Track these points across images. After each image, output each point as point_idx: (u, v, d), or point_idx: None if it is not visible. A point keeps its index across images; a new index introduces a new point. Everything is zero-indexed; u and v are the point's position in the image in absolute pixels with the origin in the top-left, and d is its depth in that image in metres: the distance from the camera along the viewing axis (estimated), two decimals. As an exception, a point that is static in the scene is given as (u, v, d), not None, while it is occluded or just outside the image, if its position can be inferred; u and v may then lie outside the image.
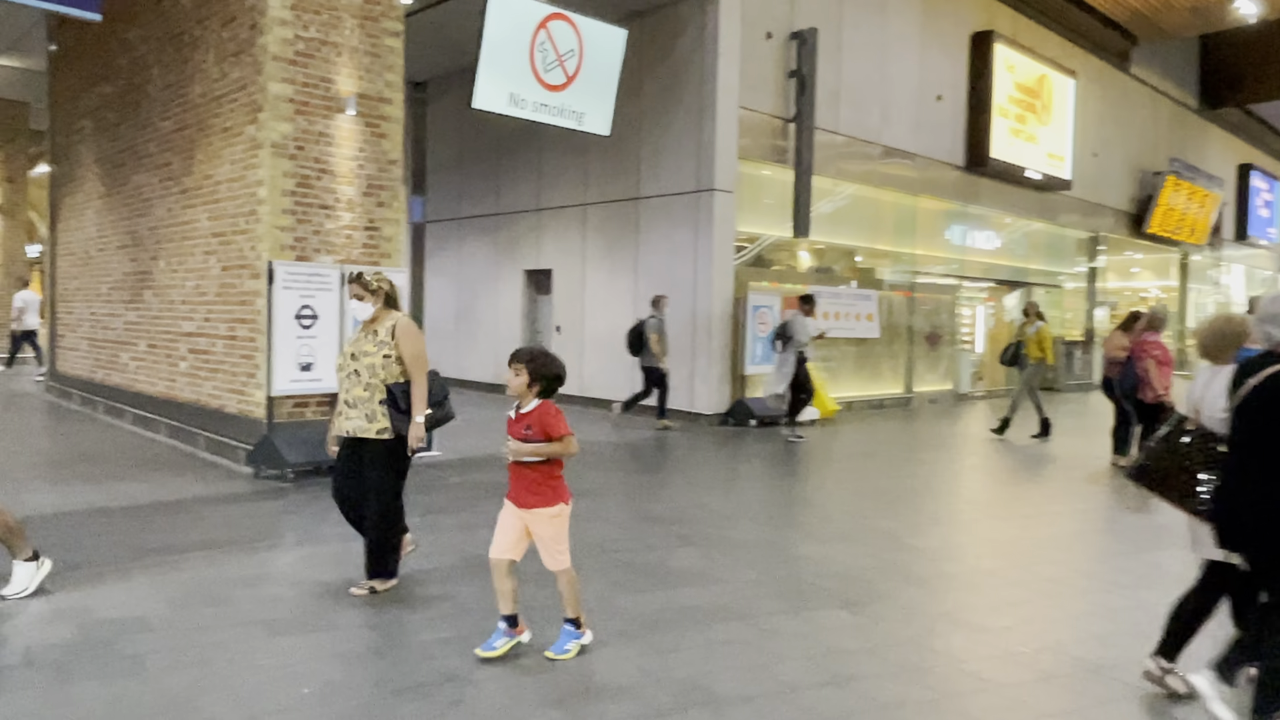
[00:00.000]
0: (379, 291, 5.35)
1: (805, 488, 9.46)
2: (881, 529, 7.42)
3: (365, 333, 5.37)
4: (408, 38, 15.08)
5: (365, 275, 5.37)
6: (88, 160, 13.14)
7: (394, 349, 5.26)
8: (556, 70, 12.11)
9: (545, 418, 4.31)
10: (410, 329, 5.33)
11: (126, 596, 5.17)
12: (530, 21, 11.66)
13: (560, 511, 4.44)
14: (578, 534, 6.98)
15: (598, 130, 12.81)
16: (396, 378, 5.27)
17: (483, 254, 17.82)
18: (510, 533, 4.44)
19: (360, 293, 5.33)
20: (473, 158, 18.03)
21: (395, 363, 5.26)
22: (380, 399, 5.21)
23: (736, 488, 9.37)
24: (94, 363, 12.97)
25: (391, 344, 5.26)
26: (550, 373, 4.35)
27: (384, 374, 5.24)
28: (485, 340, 17.70)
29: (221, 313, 9.61)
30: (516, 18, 11.48)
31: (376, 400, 5.21)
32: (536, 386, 4.33)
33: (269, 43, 8.76)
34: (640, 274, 14.44)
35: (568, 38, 12.14)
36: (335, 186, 9.26)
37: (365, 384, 5.23)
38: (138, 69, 11.39)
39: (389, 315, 5.37)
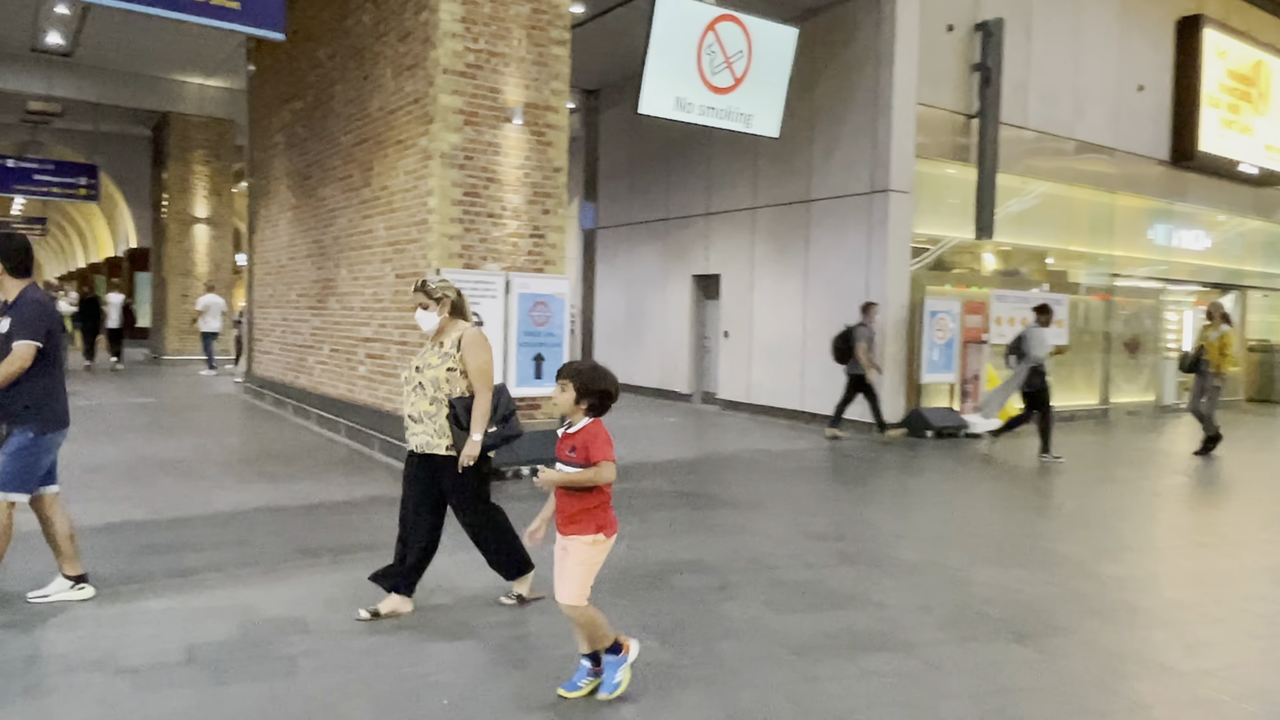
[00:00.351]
0: (444, 300, 5.01)
1: (982, 505, 8.88)
2: (1064, 554, 6.83)
3: (432, 344, 5.07)
4: (579, 46, 15.31)
5: (429, 282, 5.02)
6: (280, 174, 13.93)
7: (458, 362, 4.94)
8: (724, 72, 11.92)
9: (588, 439, 3.88)
10: (476, 341, 4.99)
11: (288, 595, 5.32)
12: (698, 24, 11.52)
13: (596, 541, 3.95)
14: (731, 546, 6.84)
15: (767, 132, 12.53)
16: (462, 391, 4.96)
17: (651, 259, 17.84)
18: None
19: (424, 301, 5.01)
20: (642, 163, 18.09)
21: (460, 376, 4.95)
22: (448, 414, 4.92)
23: (906, 503, 8.89)
24: (284, 366, 13.72)
25: (456, 356, 4.94)
26: (599, 388, 3.92)
27: (448, 388, 4.93)
28: (653, 345, 17.70)
29: (395, 319, 9.92)
30: (684, 20, 11.36)
31: (444, 415, 4.92)
32: (585, 403, 3.91)
33: (440, 56, 8.97)
34: (810, 278, 14.05)
35: (736, 39, 11.93)
36: (502, 195, 9.39)
37: (430, 398, 4.94)
38: (324, 85, 11.96)
39: (456, 326, 5.05)
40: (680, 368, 17.06)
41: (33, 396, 4.84)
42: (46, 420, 4.90)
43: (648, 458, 10.54)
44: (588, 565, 3.94)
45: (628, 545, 6.61)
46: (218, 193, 23.44)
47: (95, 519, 6.94)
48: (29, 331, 4.74)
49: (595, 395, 3.92)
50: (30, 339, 4.74)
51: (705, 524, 7.43)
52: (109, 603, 5.11)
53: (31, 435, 4.84)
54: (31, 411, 4.84)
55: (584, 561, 3.92)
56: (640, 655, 4.30)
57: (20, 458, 4.83)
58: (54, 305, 4.99)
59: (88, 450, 9.94)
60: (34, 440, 4.85)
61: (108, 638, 4.55)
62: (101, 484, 8.27)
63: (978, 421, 13.38)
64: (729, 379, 15.79)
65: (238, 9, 8.36)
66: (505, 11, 9.34)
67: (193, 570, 5.77)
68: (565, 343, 9.58)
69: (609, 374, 3.99)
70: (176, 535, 6.59)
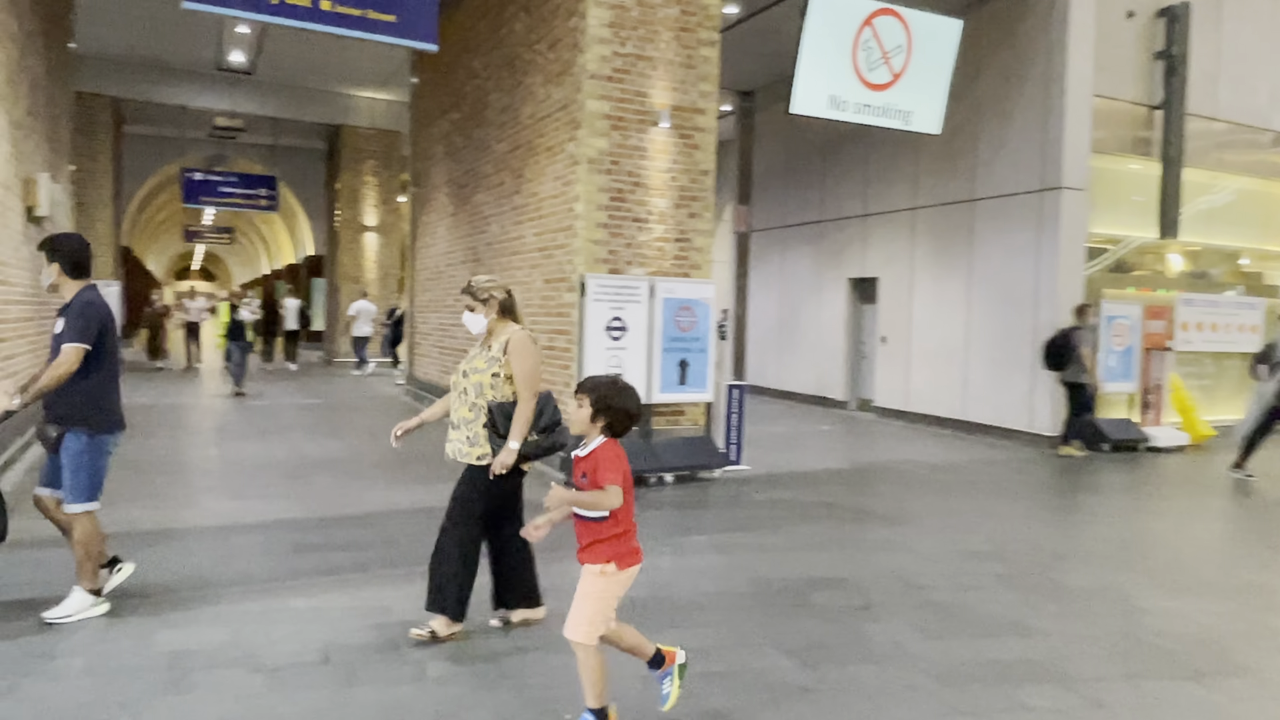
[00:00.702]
0: (491, 301, 4.76)
1: (1161, 525, 8.16)
2: (1253, 582, 6.18)
3: (481, 347, 4.83)
4: (732, 47, 15.18)
5: (475, 282, 4.80)
6: (439, 182, 14.33)
7: (504, 366, 4.66)
8: (881, 68, 11.47)
9: (598, 460, 3.52)
10: (523, 345, 4.69)
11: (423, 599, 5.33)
12: (854, 19, 11.13)
13: (605, 572, 3.57)
14: (878, 563, 6.49)
15: (927, 129, 11.99)
16: (506, 398, 4.67)
17: (806, 262, 17.45)
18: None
19: (470, 303, 4.78)
20: (797, 164, 17.72)
21: (505, 382, 4.66)
22: (485, 422, 4.64)
23: (1075, 521, 8.27)
24: (442, 369, 14.09)
25: (502, 361, 4.66)
26: (618, 405, 3.55)
27: (492, 394, 4.65)
28: (807, 351, 17.31)
29: (543, 324, 9.99)
30: (839, 16, 11.00)
31: (481, 423, 4.64)
32: (601, 421, 3.56)
33: (588, 61, 8.97)
34: (974, 281, 13.39)
35: (894, 33, 11.46)
36: (648, 199, 9.31)
37: (471, 404, 4.69)
38: (479, 95, 12.20)
39: (505, 329, 4.77)
40: (835, 374, 16.60)
41: (83, 398, 4.75)
42: (98, 422, 4.81)
43: (796, 467, 10.24)
44: (596, 598, 3.57)
45: (766, 558, 6.38)
46: (385, 201, 24.43)
47: (254, 517, 7.24)
48: (77, 334, 4.66)
49: (613, 414, 3.55)
50: (78, 341, 4.65)
51: (851, 538, 7.10)
52: (257, 599, 5.26)
53: (85, 439, 4.76)
54: (82, 414, 4.76)
55: (591, 593, 3.57)
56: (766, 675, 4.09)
57: (82, 467, 4.77)
58: (107, 306, 4.89)
59: (256, 449, 10.45)
60: (88, 444, 4.77)
61: (251, 635, 4.67)
62: (264, 482, 8.64)
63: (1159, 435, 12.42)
64: (886, 386, 15.25)
65: (394, 22, 8.57)
66: (653, 15, 9.25)
67: (338, 569, 5.90)
68: (711, 348, 9.41)
69: (631, 391, 3.64)
70: (327, 534, 6.78)
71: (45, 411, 4.78)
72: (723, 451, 9.55)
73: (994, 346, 12.94)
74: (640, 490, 8.64)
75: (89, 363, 4.71)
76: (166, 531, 6.70)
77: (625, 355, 8.88)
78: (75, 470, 4.75)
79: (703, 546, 6.74)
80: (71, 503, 4.77)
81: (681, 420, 9.54)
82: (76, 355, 4.62)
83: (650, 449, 8.96)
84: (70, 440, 4.74)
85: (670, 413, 9.46)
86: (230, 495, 8.03)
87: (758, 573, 6.07)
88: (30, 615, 4.79)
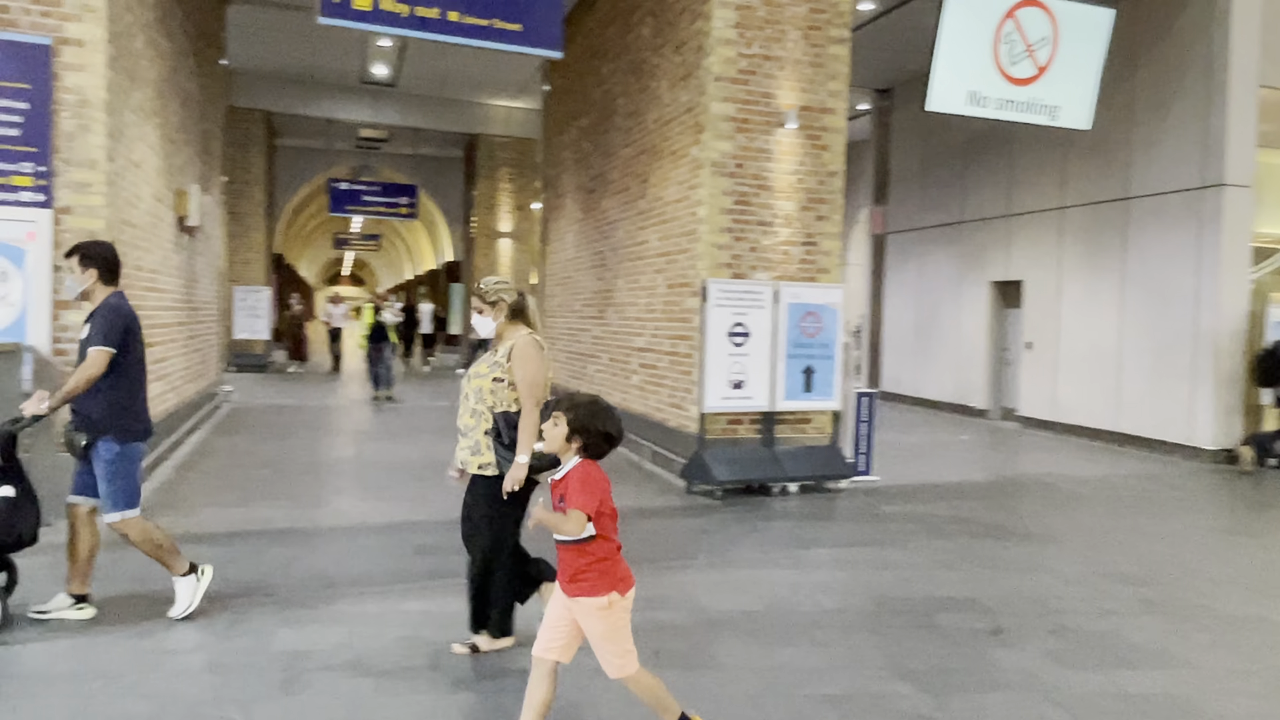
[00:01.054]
0: (499, 304, 4.56)
1: (1337, 554, 7.45)
2: None
3: (491, 351, 4.62)
4: (869, 43, 14.80)
5: (484, 283, 4.63)
6: (568, 188, 14.44)
7: (506, 372, 4.45)
8: (1025, 62, 10.92)
9: (570, 483, 3.31)
10: (527, 350, 4.44)
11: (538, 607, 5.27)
12: (995, 12, 10.63)
13: (612, 603, 3.35)
14: (1013, 584, 6.12)
15: (1076, 124, 11.36)
16: (509, 405, 4.45)
17: (945, 265, 16.83)
18: (558, 626, 3.45)
19: (478, 305, 4.59)
20: (936, 163, 17.13)
21: (508, 389, 4.45)
22: (487, 429, 4.45)
23: (1235, 543, 7.62)
24: (569, 373, 14.18)
25: (505, 366, 4.45)
26: (595, 426, 3.33)
27: (492, 400, 4.45)
28: (946, 357, 16.69)
29: (666, 329, 9.90)
30: (979, 9, 10.52)
31: (483, 430, 4.45)
32: (577, 441, 3.34)
33: (712, 64, 8.84)
34: (1127, 284, 12.62)
35: (1040, 25, 10.90)
36: (773, 202, 9.11)
37: (472, 410, 4.50)
38: (607, 101, 12.23)
39: (514, 332, 4.54)
40: (976, 381, 15.94)
41: (110, 406, 4.72)
42: (127, 430, 4.79)
43: (929, 479, 9.83)
44: (613, 631, 3.38)
45: (891, 575, 6.10)
46: (520, 208, 24.88)
47: (381, 518, 7.40)
48: (102, 338, 4.64)
49: (590, 435, 3.34)
50: (104, 345, 4.63)
51: (985, 556, 6.73)
52: (374, 600, 5.34)
53: (116, 448, 4.73)
54: (110, 421, 4.72)
55: (607, 634, 3.38)
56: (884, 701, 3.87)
57: (117, 476, 4.74)
58: (133, 312, 4.90)
59: (387, 450, 10.72)
60: (120, 452, 4.74)
61: (364, 638, 4.72)
62: (392, 484, 8.83)
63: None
64: (1031, 394, 14.54)
65: (519, 31, 8.64)
66: (781, 14, 9.06)
67: (453, 573, 5.91)
68: (838, 355, 9.12)
69: (611, 413, 3.41)
70: (446, 537, 6.82)
71: (73, 418, 4.78)
72: (850, 461, 9.25)
73: (1150, 354, 12.17)
74: (762, 500, 8.45)
75: (115, 368, 4.70)
76: (298, 531, 6.91)
77: (748, 362, 8.69)
78: (110, 479, 4.73)
79: (824, 560, 6.51)
80: (110, 511, 4.76)
81: (807, 429, 9.29)
82: (103, 358, 4.61)
83: (774, 458, 8.74)
84: (102, 449, 4.72)
85: (795, 421, 9.22)
86: (360, 496, 8.24)
87: (881, 590, 5.81)
88: (158, 611, 4.97)
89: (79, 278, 4.82)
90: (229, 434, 11.54)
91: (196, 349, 11.73)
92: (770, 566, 6.30)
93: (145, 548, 4.85)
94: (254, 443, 10.88)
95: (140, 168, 8.22)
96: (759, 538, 7.09)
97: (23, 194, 6.55)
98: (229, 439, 11.13)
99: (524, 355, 4.43)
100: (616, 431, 3.39)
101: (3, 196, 6.51)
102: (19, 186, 6.53)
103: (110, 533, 4.86)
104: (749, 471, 8.56)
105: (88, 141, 6.78)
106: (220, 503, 7.77)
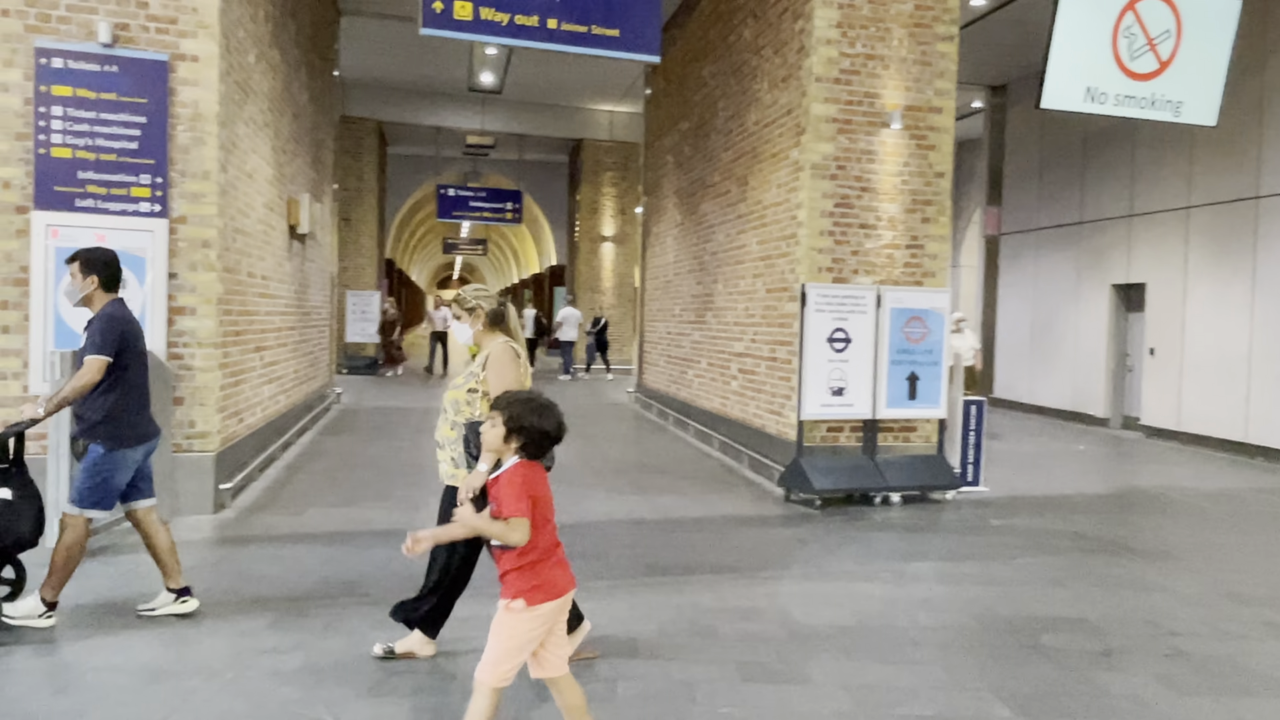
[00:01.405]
0: (477, 311, 4.45)
1: None
2: None
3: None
4: (981, 40, 14.38)
5: (464, 291, 4.52)
6: (669, 192, 14.41)
7: (482, 383, 4.31)
8: (1146, 56, 10.41)
9: (502, 485, 3.19)
10: (501, 358, 4.32)
11: (627, 615, 5.27)
12: (1114, 4, 10.16)
13: (514, 608, 3.20)
14: (1126, 603, 5.80)
15: (1201, 120, 10.77)
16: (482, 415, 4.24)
17: (1062, 267, 16.20)
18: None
19: (457, 311, 4.48)
20: (1053, 162, 16.51)
21: (483, 398, 4.29)
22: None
23: (1379, 569, 7.10)
24: (668, 378, 14.14)
25: (480, 376, 4.32)
26: (532, 424, 3.21)
27: (468, 411, 4.33)
28: (1063, 363, 16.06)
29: (765, 334, 9.77)
30: (1097, 2, 10.08)
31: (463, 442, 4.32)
32: (515, 442, 3.22)
33: (814, 64, 8.68)
34: (1259, 287, 11.93)
35: (1162, 17, 10.37)
36: (876, 204, 8.89)
37: (450, 422, 4.39)
38: (707, 104, 12.15)
39: (492, 340, 4.45)
40: (1095, 388, 15.29)
41: (102, 412, 4.72)
42: (118, 436, 4.76)
43: (1042, 490, 9.44)
44: (505, 637, 3.22)
45: (996, 591, 5.85)
46: (623, 212, 25.00)
47: (477, 520, 7.45)
48: (97, 346, 4.64)
49: (528, 433, 3.21)
50: (98, 353, 4.63)
51: (1097, 573, 6.41)
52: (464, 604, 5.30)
53: (101, 451, 4.72)
54: (101, 427, 4.72)
55: (499, 631, 3.23)
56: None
57: (92, 474, 4.73)
58: (133, 320, 4.89)
59: (488, 453, 10.84)
60: (104, 456, 4.73)
61: (454, 641, 4.75)
62: (491, 486, 8.90)
63: None
64: (1154, 402, 13.87)
65: (617, 36, 8.64)
66: (885, 12, 8.84)
67: (546, 579, 5.93)
68: (944, 361, 8.84)
69: (550, 410, 3.29)
70: (540, 542, 6.86)
71: (75, 423, 4.85)
72: (957, 471, 8.95)
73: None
74: (863, 510, 8.24)
75: (114, 376, 4.72)
76: (397, 532, 7.00)
77: (848, 368, 8.49)
78: (85, 474, 4.74)
79: (925, 574, 6.30)
80: (72, 502, 4.76)
81: (912, 437, 9.03)
82: (98, 366, 4.62)
83: (875, 467, 8.52)
84: (91, 449, 4.75)
85: (899, 429, 8.98)
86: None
87: (985, 607, 5.58)
88: (259, 609, 5.10)
89: (79, 284, 4.82)
90: (336, 435, 11.86)
91: (308, 353, 12.09)
92: (868, 580, 6.13)
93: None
94: (360, 444, 11.16)
95: (253, 178, 8.51)
96: (857, 549, 6.91)
97: (141, 204, 6.84)
98: (336, 440, 11.44)
99: (497, 363, 4.32)
100: (555, 429, 3.26)
101: (122, 207, 6.81)
102: (138, 197, 6.83)
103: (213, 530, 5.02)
104: (849, 480, 8.36)
105: (201, 153, 7.04)
106: (325, 503, 7.96)
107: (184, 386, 7.15)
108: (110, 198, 6.79)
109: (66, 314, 6.68)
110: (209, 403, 7.24)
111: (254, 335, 8.65)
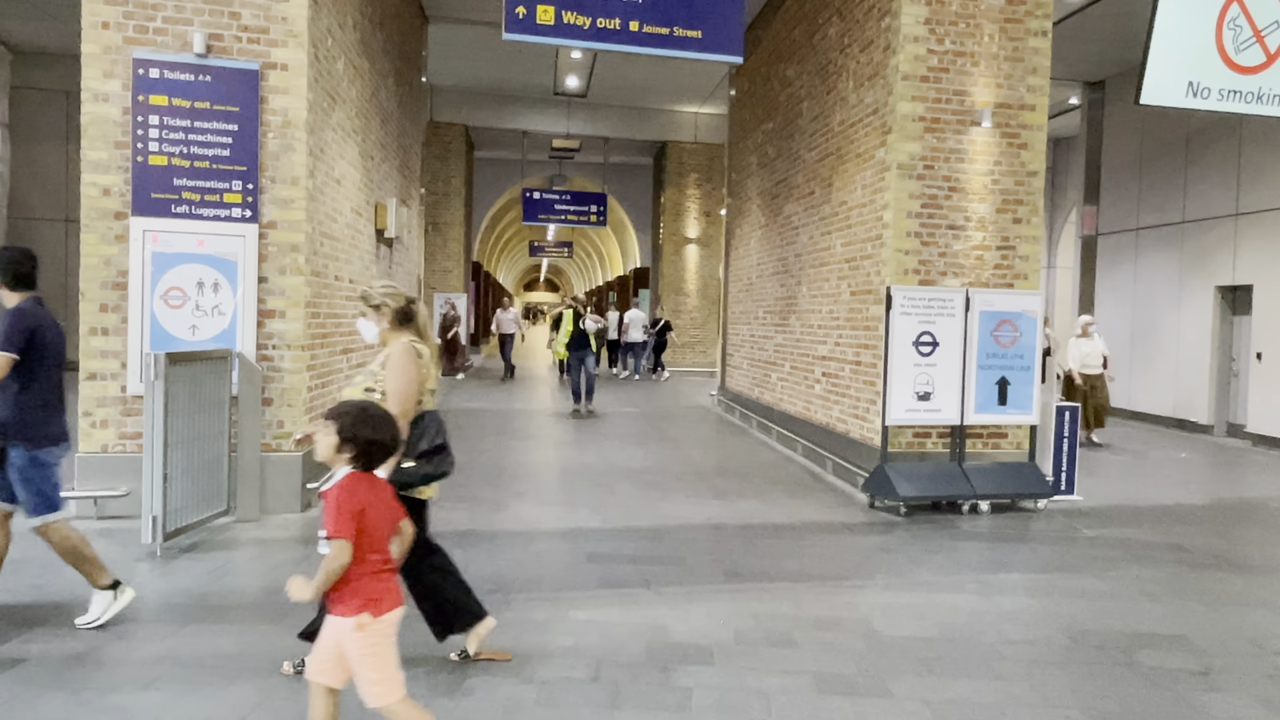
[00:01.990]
0: (383, 308, 4.26)
1: None
2: None
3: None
4: (1078, 34, 13.94)
5: (369, 288, 4.34)
6: (752, 193, 14.29)
7: (380, 383, 4.10)
8: (1252, 49, 9.94)
9: (328, 500, 3.03)
10: (400, 358, 4.11)
11: (703, 622, 5.22)
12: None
13: (362, 624, 3.03)
14: (1229, 621, 5.54)
15: (1313, 114, 10.26)
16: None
17: (1164, 268, 15.59)
18: (323, 645, 3.13)
19: (363, 309, 4.31)
20: (1154, 159, 15.91)
21: (381, 399, 4.07)
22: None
23: None
24: (751, 381, 14.02)
25: (379, 375, 4.12)
26: (365, 435, 3.08)
27: None
28: (1164, 367, 15.45)
29: (849, 338, 9.61)
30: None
31: None
32: (347, 451, 3.08)
33: (900, 62, 8.51)
34: (1375, 291, 11.30)
35: (1270, 8, 9.88)
36: (965, 205, 8.67)
37: None
38: (792, 104, 12.01)
39: (396, 339, 4.23)
40: (1198, 394, 14.68)
41: (17, 411, 4.59)
42: (34, 436, 4.64)
43: (1140, 500, 9.08)
44: (370, 656, 3.06)
45: (1088, 605, 5.63)
46: (707, 214, 24.91)
47: (556, 523, 7.49)
48: (2, 341, 4.49)
49: (360, 444, 3.07)
50: (2, 349, 4.48)
51: (1197, 588, 6.13)
52: (541, 607, 5.38)
53: (27, 454, 4.63)
54: (18, 428, 4.60)
55: (364, 654, 3.05)
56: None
57: (30, 481, 4.65)
58: (47, 317, 4.72)
59: (568, 456, 10.89)
60: (31, 458, 4.64)
61: (530, 644, 4.77)
62: (571, 489, 8.95)
63: None
64: (1263, 409, 13.25)
65: (699, 38, 8.59)
66: (975, 8, 8.62)
67: (622, 583, 5.92)
68: (1037, 366, 8.57)
69: (385, 420, 3.16)
70: (618, 545, 6.86)
71: None
72: (1050, 479, 8.66)
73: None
74: (950, 519, 8.03)
75: (24, 374, 4.58)
76: (477, 533, 7.09)
77: (935, 372, 8.29)
78: (24, 484, 4.66)
79: (1014, 586, 6.10)
80: (31, 516, 4.69)
81: (1002, 444, 8.78)
82: (3, 362, 4.48)
83: (963, 474, 8.30)
84: (13, 455, 4.63)
85: (988, 435, 8.74)
86: (538, 501, 8.38)
87: (1076, 622, 5.38)
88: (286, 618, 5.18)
89: None
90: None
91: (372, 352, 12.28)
92: (953, 591, 5.96)
93: (65, 554, 4.77)
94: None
95: (340, 184, 8.69)
96: (943, 559, 6.74)
97: (233, 210, 7.05)
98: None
99: (395, 363, 4.12)
100: (390, 440, 3.15)
101: (215, 212, 7.03)
102: (230, 203, 7.04)
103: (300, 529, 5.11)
104: (936, 488, 8.16)
105: (291, 160, 7.23)
106: (409, 502, 8.07)
107: (272, 387, 7.34)
108: (204, 204, 7.01)
109: (163, 317, 6.92)
110: (296, 403, 7.42)
111: (340, 338, 8.84)
